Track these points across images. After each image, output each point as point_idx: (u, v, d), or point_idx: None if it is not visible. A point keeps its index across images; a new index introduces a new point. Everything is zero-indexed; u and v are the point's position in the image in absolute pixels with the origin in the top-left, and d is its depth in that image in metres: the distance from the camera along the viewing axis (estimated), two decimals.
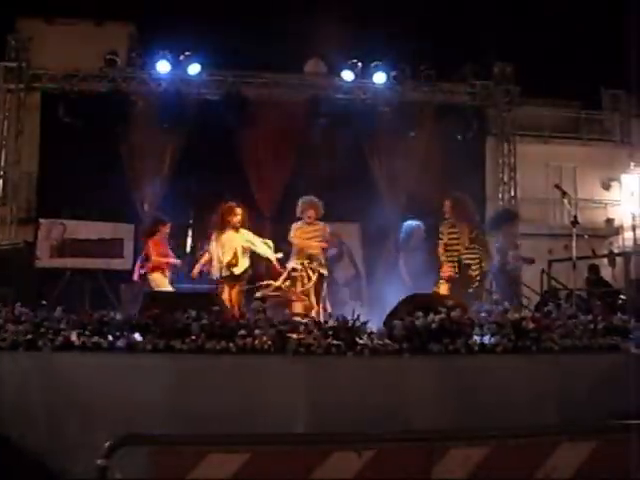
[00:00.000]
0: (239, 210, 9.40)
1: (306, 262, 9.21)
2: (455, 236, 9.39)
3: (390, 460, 3.34)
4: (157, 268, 9.56)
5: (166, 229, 9.81)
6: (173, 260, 9.80)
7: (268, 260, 9.31)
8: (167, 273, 9.63)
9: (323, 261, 9.41)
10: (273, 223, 12.81)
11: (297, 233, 9.41)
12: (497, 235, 10.27)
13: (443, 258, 9.40)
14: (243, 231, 9.38)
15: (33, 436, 5.62)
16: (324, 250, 9.51)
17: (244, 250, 9.26)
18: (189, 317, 6.26)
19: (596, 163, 21.13)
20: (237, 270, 9.20)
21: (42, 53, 13.70)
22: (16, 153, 13.13)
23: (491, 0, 19.89)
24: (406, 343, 6.31)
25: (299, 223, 9.51)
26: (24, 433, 5.61)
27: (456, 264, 9.28)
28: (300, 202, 9.57)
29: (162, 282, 9.46)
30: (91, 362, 6.00)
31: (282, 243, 9.95)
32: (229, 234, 9.34)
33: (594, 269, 13.02)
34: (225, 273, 9.18)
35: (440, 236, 9.51)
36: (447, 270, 9.28)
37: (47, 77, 13.11)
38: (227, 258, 9.18)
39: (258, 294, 8.81)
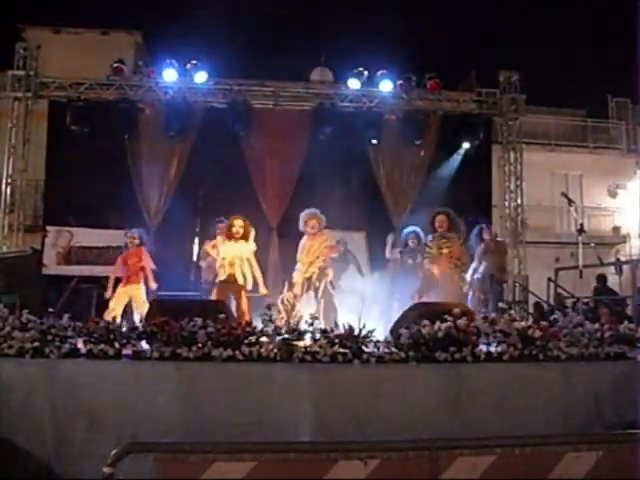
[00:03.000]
0: (237, 222, 9.39)
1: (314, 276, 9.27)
2: (446, 250, 9.43)
3: (396, 469, 3.33)
4: None
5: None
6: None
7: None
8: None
9: (329, 270, 9.45)
10: (279, 233, 12.84)
11: (303, 256, 9.46)
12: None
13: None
14: (242, 244, 9.35)
15: (40, 443, 5.63)
16: (332, 258, 9.60)
17: (241, 262, 9.26)
18: (195, 325, 6.26)
19: (602, 171, 21.13)
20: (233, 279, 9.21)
21: (50, 62, 13.77)
22: (23, 161, 13.16)
23: (497, 9, 19.97)
24: (412, 351, 6.31)
25: (304, 240, 9.56)
26: (31, 439, 5.63)
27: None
28: (302, 215, 9.61)
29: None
30: (97, 369, 6.01)
31: (288, 252, 9.99)
32: (229, 244, 9.37)
33: (602, 278, 12.98)
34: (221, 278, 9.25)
35: (429, 250, 9.49)
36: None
37: (54, 85, 13.15)
38: (226, 267, 9.24)
39: None
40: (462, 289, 9.41)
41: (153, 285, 9.76)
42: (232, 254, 9.24)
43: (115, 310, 9.03)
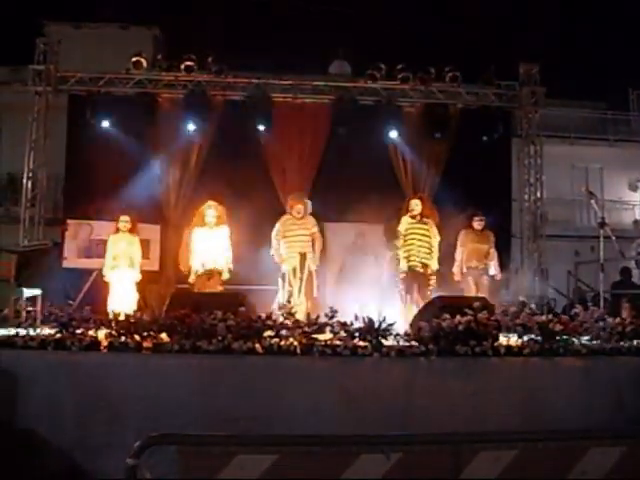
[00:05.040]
0: (211, 209, 9.61)
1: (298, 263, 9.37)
2: (418, 236, 9.58)
3: (418, 462, 3.32)
4: None
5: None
6: None
7: None
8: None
9: (312, 256, 9.71)
10: None
11: (283, 229, 9.83)
12: None
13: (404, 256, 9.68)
14: (217, 229, 9.55)
15: (62, 434, 5.68)
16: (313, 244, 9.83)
17: (217, 248, 9.44)
18: (215, 318, 6.29)
19: (623, 164, 20.94)
20: (208, 265, 9.39)
21: (70, 56, 13.81)
22: (44, 154, 13.22)
23: (517, 1, 19.81)
24: (433, 345, 6.30)
25: (285, 217, 9.96)
26: (53, 431, 5.68)
27: (418, 263, 9.47)
28: (289, 197, 10.14)
29: None
30: (118, 362, 6.06)
31: None
32: (204, 232, 9.52)
33: (626, 271, 12.84)
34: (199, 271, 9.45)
35: (400, 235, 9.72)
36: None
37: (74, 80, 13.19)
38: (202, 256, 9.37)
39: None
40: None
41: (139, 276, 10.05)
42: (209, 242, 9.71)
43: (122, 298, 9.25)
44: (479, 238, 10.47)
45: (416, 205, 9.88)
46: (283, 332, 6.28)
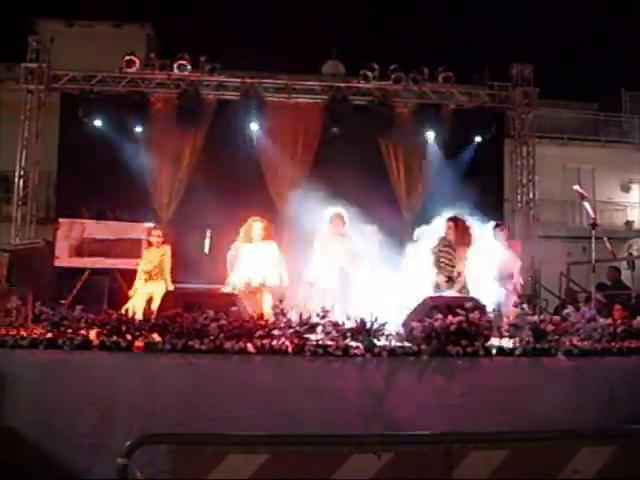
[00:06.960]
0: (257, 222, 9.34)
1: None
2: (449, 256, 9.44)
3: (410, 462, 3.32)
4: None
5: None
6: None
7: None
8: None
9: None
10: (291, 226, 12.77)
11: (322, 246, 9.44)
12: None
13: (437, 271, 9.46)
14: (265, 245, 9.30)
15: (52, 434, 5.65)
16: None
17: (265, 264, 9.16)
18: (207, 317, 6.27)
19: (615, 165, 21.00)
20: (255, 282, 9.07)
21: (62, 54, 13.78)
22: (36, 153, 13.21)
23: (510, 2, 19.86)
24: (425, 345, 6.30)
25: (323, 234, 9.53)
26: (43, 430, 5.65)
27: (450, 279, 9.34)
28: (327, 213, 9.65)
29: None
30: (110, 361, 6.03)
31: (299, 247, 9.94)
32: (249, 247, 9.28)
33: (616, 271, 12.85)
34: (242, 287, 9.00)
35: (434, 250, 9.55)
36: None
37: (67, 78, 13.18)
38: (247, 272, 9.12)
39: None
40: None
41: (171, 286, 9.79)
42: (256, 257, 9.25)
43: (136, 307, 9.00)
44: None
45: (449, 228, 9.69)
46: (275, 332, 6.27)
